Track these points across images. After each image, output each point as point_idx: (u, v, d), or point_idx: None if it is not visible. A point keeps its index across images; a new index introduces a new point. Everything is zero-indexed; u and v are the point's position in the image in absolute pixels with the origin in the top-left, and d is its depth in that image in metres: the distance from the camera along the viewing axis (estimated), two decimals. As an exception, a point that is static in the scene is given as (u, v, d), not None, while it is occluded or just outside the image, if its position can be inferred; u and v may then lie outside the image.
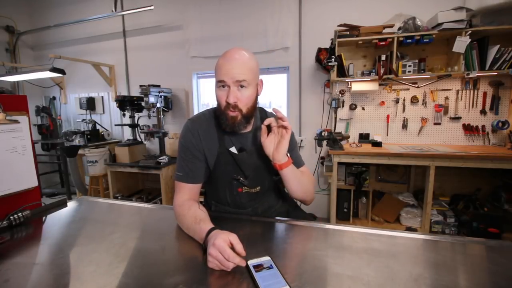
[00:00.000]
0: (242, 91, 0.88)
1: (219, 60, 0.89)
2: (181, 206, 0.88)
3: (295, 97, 2.98)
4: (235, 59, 0.86)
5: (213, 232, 0.71)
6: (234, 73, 0.85)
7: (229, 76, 0.85)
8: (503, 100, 2.41)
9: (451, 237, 0.81)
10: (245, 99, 0.89)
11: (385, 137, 2.72)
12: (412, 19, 2.25)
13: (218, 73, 0.88)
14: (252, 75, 0.88)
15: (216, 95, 0.91)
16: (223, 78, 0.86)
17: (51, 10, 3.89)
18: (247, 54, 0.89)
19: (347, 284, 0.59)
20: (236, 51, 0.88)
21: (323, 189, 3.03)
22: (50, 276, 0.65)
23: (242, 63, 0.86)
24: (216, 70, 0.89)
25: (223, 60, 0.87)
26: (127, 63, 3.60)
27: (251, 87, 0.90)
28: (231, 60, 0.86)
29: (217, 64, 0.89)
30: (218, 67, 0.88)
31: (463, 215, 2.30)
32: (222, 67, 0.86)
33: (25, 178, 1.03)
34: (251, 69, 0.88)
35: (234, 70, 0.85)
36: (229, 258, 0.62)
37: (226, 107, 0.89)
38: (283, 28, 2.86)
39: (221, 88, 0.88)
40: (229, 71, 0.85)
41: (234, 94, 0.86)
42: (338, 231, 0.86)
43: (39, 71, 2.79)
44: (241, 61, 0.86)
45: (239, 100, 0.88)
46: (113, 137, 3.73)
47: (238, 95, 0.87)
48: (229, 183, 1.01)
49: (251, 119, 0.96)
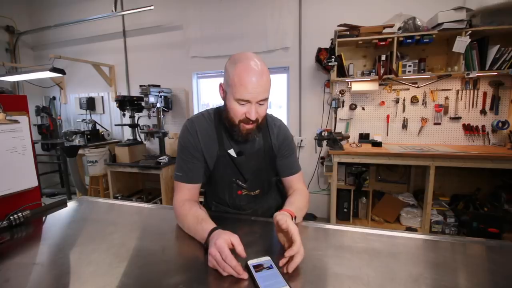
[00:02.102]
0: (261, 106, 0.87)
1: (240, 73, 0.80)
2: (181, 206, 0.88)
3: (295, 97, 2.98)
4: (259, 77, 0.81)
5: (215, 232, 0.71)
6: (259, 92, 0.82)
7: (253, 95, 0.81)
8: (503, 100, 2.41)
9: (451, 237, 0.81)
10: (262, 113, 0.89)
11: (385, 137, 2.72)
12: (412, 19, 2.25)
13: (239, 90, 0.81)
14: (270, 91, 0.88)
15: (231, 108, 0.86)
16: (248, 98, 0.82)
17: (51, 10, 3.89)
18: (265, 67, 0.84)
19: (347, 284, 0.59)
20: (256, 64, 0.82)
21: (323, 189, 3.03)
22: (50, 276, 0.65)
23: (265, 81, 0.83)
24: (234, 84, 0.81)
25: (246, 76, 0.80)
26: (127, 63, 3.60)
27: (268, 100, 0.90)
28: (255, 78, 0.80)
29: (237, 77, 0.81)
30: (240, 83, 0.80)
31: (463, 215, 2.30)
32: (247, 85, 0.80)
33: (25, 178, 1.03)
34: (270, 86, 0.87)
35: (259, 90, 0.81)
36: (226, 259, 0.61)
37: (243, 121, 0.87)
38: (283, 28, 2.86)
39: (241, 104, 0.84)
40: (254, 90, 0.81)
41: (256, 110, 0.85)
42: (338, 231, 0.86)
43: (39, 71, 2.79)
44: (265, 79, 0.82)
45: (259, 115, 0.87)
46: (113, 137, 3.73)
47: (258, 110, 0.86)
48: (228, 185, 1.01)
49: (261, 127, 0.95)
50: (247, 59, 0.83)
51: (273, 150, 1.02)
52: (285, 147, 1.03)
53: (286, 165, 1.04)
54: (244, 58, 0.83)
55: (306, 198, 0.99)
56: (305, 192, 1.01)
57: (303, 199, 0.96)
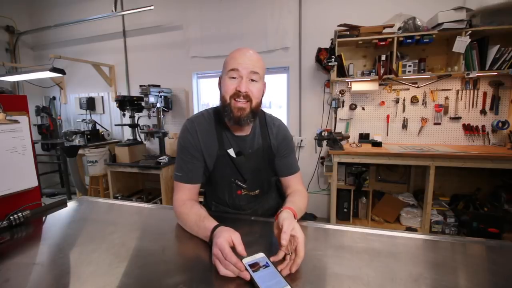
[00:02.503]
0: (253, 83, 0.89)
1: (233, 53, 0.91)
2: (182, 206, 0.88)
3: (295, 97, 2.98)
4: (249, 54, 0.90)
5: (218, 229, 0.71)
6: (249, 64, 0.87)
7: (244, 65, 0.87)
8: (503, 100, 2.41)
9: (451, 237, 0.81)
10: (255, 92, 0.90)
11: (385, 137, 2.72)
12: (412, 19, 2.25)
13: (231, 63, 0.88)
14: (262, 72, 0.92)
15: (224, 84, 0.91)
16: (238, 67, 0.87)
17: (51, 10, 3.89)
18: (258, 54, 0.93)
19: (347, 284, 0.59)
20: (248, 49, 0.92)
21: (323, 189, 3.03)
22: (50, 276, 0.64)
23: (256, 58, 0.90)
24: (227, 61, 0.90)
25: (237, 53, 0.90)
26: (127, 63, 3.59)
27: (260, 83, 0.92)
28: (245, 53, 0.89)
29: (230, 56, 0.90)
30: (232, 58, 0.89)
31: (463, 215, 2.30)
32: (238, 57, 0.88)
33: (25, 178, 1.03)
34: (262, 67, 0.92)
35: (249, 62, 0.87)
36: (227, 257, 0.61)
37: (234, 95, 0.88)
38: (283, 28, 2.86)
39: (232, 78, 0.89)
40: (244, 62, 0.87)
41: (246, 84, 0.88)
42: (338, 231, 0.86)
43: (39, 71, 2.79)
44: (255, 56, 0.90)
45: (250, 91, 0.88)
46: (113, 137, 3.73)
47: (250, 86, 0.88)
48: (228, 185, 1.01)
49: (256, 115, 0.95)
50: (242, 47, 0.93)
51: (272, 149, 1.02)
52: (284, 146, 1.03)
53: (285, 165, 1.04)
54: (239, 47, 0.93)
55: (306, 200, 0.98)
56: (304, 193, 1.01)
57: (303, 200, 0.96)
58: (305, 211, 0.96)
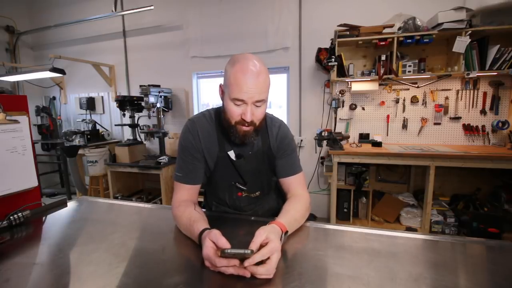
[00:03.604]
0: (258, 108, 0.85)
1: (236, 73, 0.80)
2: (177, 208, 0.88)
3: (295, 97, 2.98)
4: (255, 77, 0.80)
5: (202, 236, 0.70)
6: (254, 93, 0.80)
7: (249, 95, 0.80)
8: (503, 100, 2.41)
9: (451, 237, 0.81)
10: (260, 115, 0.87)
11: (385, 137, 2.72)
12: (412, 19, 2.25)
13: (235, 90, 0.80)
14: (267, 93, 0.86)
15: (228, 109, 0.86)
16: (243, 98, 0.80)
17: (51, 10, 3.89)
18: (264, 68, 0.83)
19: (347, 284, 0.59)
20: (254, 64, 0.81)
21: (323, 189, 3.03)
22: (50, 276, 0.64)
23: (263, 82, 0.82)
24: (231, 84, 0.81)
25: (242, 76, 0.79)
26: (127, 63, 3.60)
27: (265, 104, 0.88)
28: (251, 78, 0.79)
29: (233, 78, 0.81)
30: (235, 83, 0.80)
31: (463, 215, 2.30)
32: (243, 85, 0.79)
33: (25, 178, 1.03)
34: (268, 87, 0.85)
35: (254, 90, 0.80)
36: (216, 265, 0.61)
37: (239, 122, 0.86)
38: (283, 28, 2.86)
39: (236, 106, 0.84)
40: (250, 90, 0.80)
41: (252, 112, 0.83)
42: (338, 231, 0.86)
43: (39, 71, 2.79)
44: (262, 80, 0.81)
45: (255, 117, 0.86)
46: (113, 137, 3.73)
47: (255, 112, 0.85)
48: (228, 187, 1.01)
49: (260, 131, 0.94)
50: (245, 59, 0.82)
51: (271, 151, 1.01)
52: (284, 146, 1.01)
53: (285, 165, 1.01)
54: (242, 59, 0.83)
55: (305, 206, 0.91)
56: (304, 198, 0.94)
57: (301, 207, 0.89)
58: (304, 219, 0.90)
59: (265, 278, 0.60)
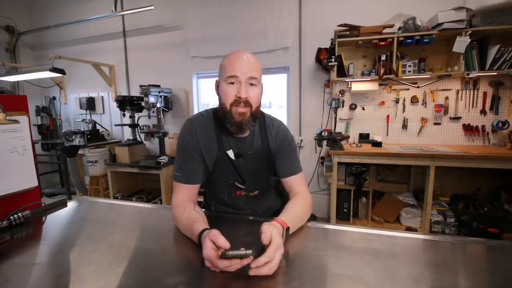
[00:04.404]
0: (252, 88, 0.89)
1: (229, 58, 0.89)
2: (177, 208, 0.88)
3: (295, 97, 2.98)
4: (246, 58, 0.88)
5: (202, 237, 0.70)
6: (247, 69, 0.86)
7: (242, 71, 0.85)
8: (503, 100, 2.41)
9: (451, 237, 0.81)
10: (255, 97, 0.90)
11: (385, 137, 2.72)
12: (412, 19, 2.25)
13: (228, 69, 0.87)
14: (260, 75, 0.92)
15: (223, 91, 0.89)
16: (236, 73, 0.86)
17: (51, 10, 3.89)
18: (255, 57, 0.92)
19: (347, 284, 0.59)
20: (244, 52, 0.90)
21: (323, 189, 3.03)
22: (50, 276, 0.64)
23: (253, 62, 0.89)
24: (224, 67, 0.88)
25: (234, 58, 0.88)
26: (127, 63, 3.60)
27: (259, 87, 0.92)
28: (242, 58, 0.87)
29: (226, 61, 0.89)
30: (229, 63, 0.87)
31: (463, 215, 2.30)
32: (235, 63, 0.86)
33: (25, 178, 1.03)
34: (260, 70, 0.91)
35: (247, 67, 0.86)
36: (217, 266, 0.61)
37: (235, 102, 0.87)
38: (283, 28, 2.86)
39: (230, 84, 0.87)
40: (242, 67, 0.86)
41: (246, 89, 0.87)
42: (338, 231, 0.86)
43: (39, 71, 2.79)
44: (252, 60, 0.89)
45: (250, 97, 0.88)
46: (113, 137, 3.73)
47: (249, 91, 0.88)
48: (227, 186, 1.01)
49: (256, 119, 0.95)
50: (237, 50, 0.91)
51: (270, 151, 1.01)
52: (285, 147, 1.02)
53: (286, 165, 1.01)
54: (234, 51, 0.91)
55: (306, 203, 0.93)
56: (305, 196, 0.96)
57: (302, 205, 0.92)
58: (306, 216, 0.91)
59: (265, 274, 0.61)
